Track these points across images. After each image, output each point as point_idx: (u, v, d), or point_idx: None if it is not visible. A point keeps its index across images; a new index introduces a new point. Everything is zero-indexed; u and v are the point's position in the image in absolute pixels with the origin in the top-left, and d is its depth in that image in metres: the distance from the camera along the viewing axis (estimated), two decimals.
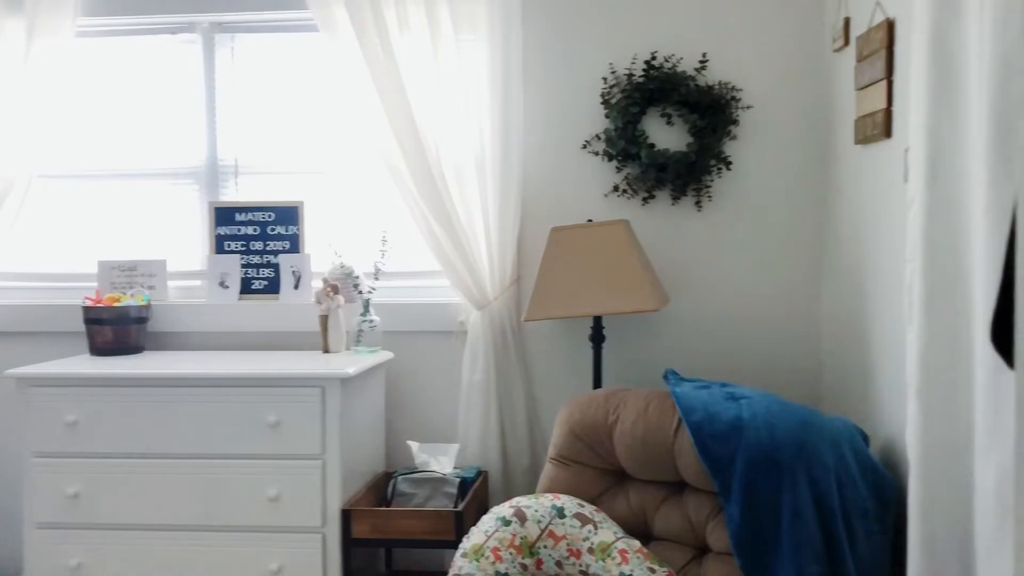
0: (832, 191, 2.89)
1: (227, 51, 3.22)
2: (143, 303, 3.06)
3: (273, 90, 3.23)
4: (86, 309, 2.98)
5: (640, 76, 2.97)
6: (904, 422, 1.85)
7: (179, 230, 3.28)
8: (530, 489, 2.96)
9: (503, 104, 2.94)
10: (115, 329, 2.97)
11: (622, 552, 2.23)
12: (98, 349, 2.98)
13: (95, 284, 3.19)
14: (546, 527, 2.27)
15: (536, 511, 2.30)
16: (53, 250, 3.32)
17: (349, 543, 2.61)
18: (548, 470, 2.57)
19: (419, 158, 2.92)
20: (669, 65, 2.97)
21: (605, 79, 3.00)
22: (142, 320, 3.05)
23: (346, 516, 2.60)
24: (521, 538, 2.25)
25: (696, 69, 2.96)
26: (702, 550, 2.38)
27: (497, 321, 2.99)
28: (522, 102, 2.98)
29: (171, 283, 3.22)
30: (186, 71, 3.24)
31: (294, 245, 3.17)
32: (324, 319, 2.96)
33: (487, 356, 2.98)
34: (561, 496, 2.37)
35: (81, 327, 3.05)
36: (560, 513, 2.30)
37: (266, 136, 3.23)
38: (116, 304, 2.99)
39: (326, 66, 3.12)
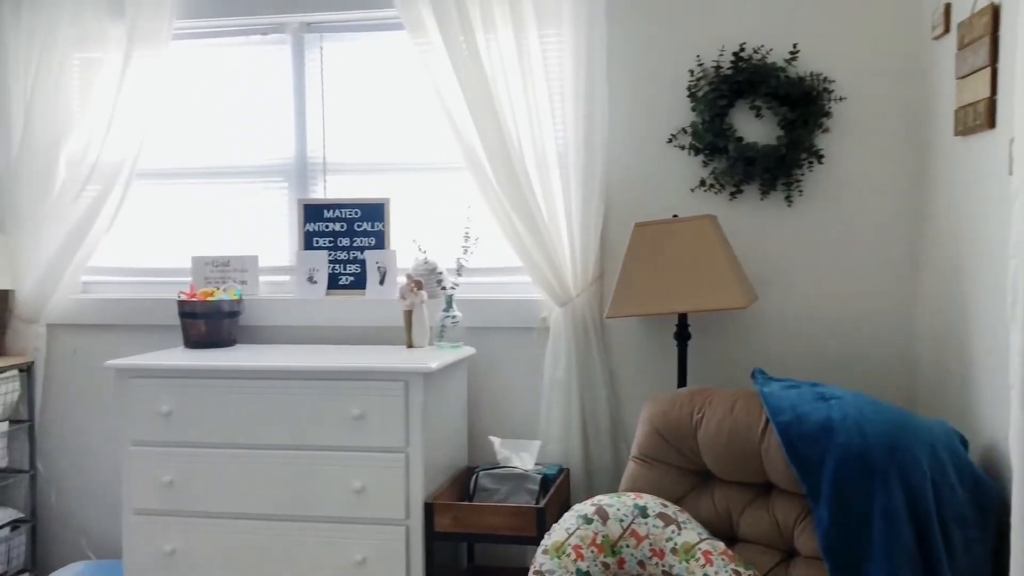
0: (929, 184, 2.77)
1: (316, 51, 3.28)
2: (235, 298, 3.14)
3: (360, 89, 3.27)
4: (181, 303, 3.08)
5: (728, 68, 2.90)
6: (1006, 425, 1.77)
7: (270, 227, 3.36)
8: (612, 488, 2.93)
9: (587, 99, 2.92)
10: (208, 323, 3.06)
11: (706, 553, 2.18)
12: (192, 342, 3.07)
13: (190, 279, 3.29)
14: (628, 526, 2.24)
15: (618, 510, 2.27)
16: (150, 246, 3.44)
17: (432, 536, 2.63)
18: (631, 469, 2.54)
19: (502, 154, 2.92)
20: (758, 56, 2.90)
21: (692, 72, 2.95)
22: (234, 314, 3.13)
23: (429, 509, 2.62)
24: (603, 537, 2.23)
25: (787, 60, 2.89)
26: (790, 553, 2.32)
27: (579, 318, 2.97)
28: (606, 96, 2.95)
29: (262, 278, 3.30)
30: (276, 71, 3.31)
31: (379, 241, 3.21)
32: (408, 314, 2.99)
33: (569, 353, 2.96)
34: (644, 495, 2.33)
35: (176, 321, 3.16)
36: (643, 512, 2.27)
37: (353, 134, 3.29)
38: (209, 299, 3.08)
39: (411, 64, 3.15)
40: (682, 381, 2.83)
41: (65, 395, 3.38)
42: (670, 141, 2.99)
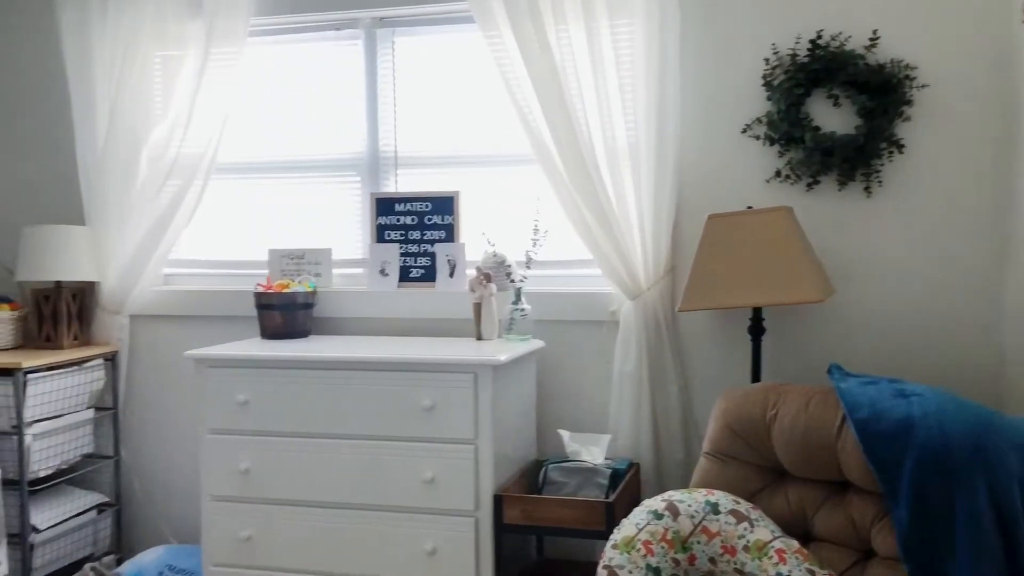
0: (1017, 174, 2.66)
1: (388, 46, 3.32)
2: (310, 290, 3.20)
3: (431, 83, 3.29)
4: (258, 295, 3.15)
5: (805, 56, 2.83)
6: None
7: (343, 220, 3.41)
8: (683, 483, 2.90)
9: (659, 89, 2.88)
10: (284, 314, 3.11)
11: (779, 552, 2.14)
12: (268, 333, 3.13)
13: (266, 271, 3.36)
14: (699, 523, 2.21)
15: (689, 506, 2.24)
16: (229, 239, 3.52)
17: (501, 528, 2.64)
18: (702, 465, 2.51)
19: (572, 146, 2.91)
20: (836, 44, 2.82)
21: (767, 60, 2.89)
22: (309, 306, 3.18)
23: (498, 501, 2.63)
24: (673, 532, 2.20)
25: (866, 47, 2.80)
26: (866, 553, 2.26)
27: (650, 311, 2.94)
28: (679, 86, 2.91)
29: (335, 271, 3.36)
30: (349, 67, 3.35)
31: (449, 234, 3.23)
32: (477, 307, 3.00)
33: (640, 347, 2.94)
34: (715, 492, 2.30)
35: (253, 312, 3.23)
36: (714, 509, 2.23)
37: (424, 128, 3.31)
38: (285, 290, 3.14)
39: (481, 58, 3.16)
40: (756, 376, 2.78)
41: (147, 384, 3.49)
42: (744, 131, 2.94)
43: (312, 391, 2.75)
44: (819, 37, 2.83)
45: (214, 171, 3.34)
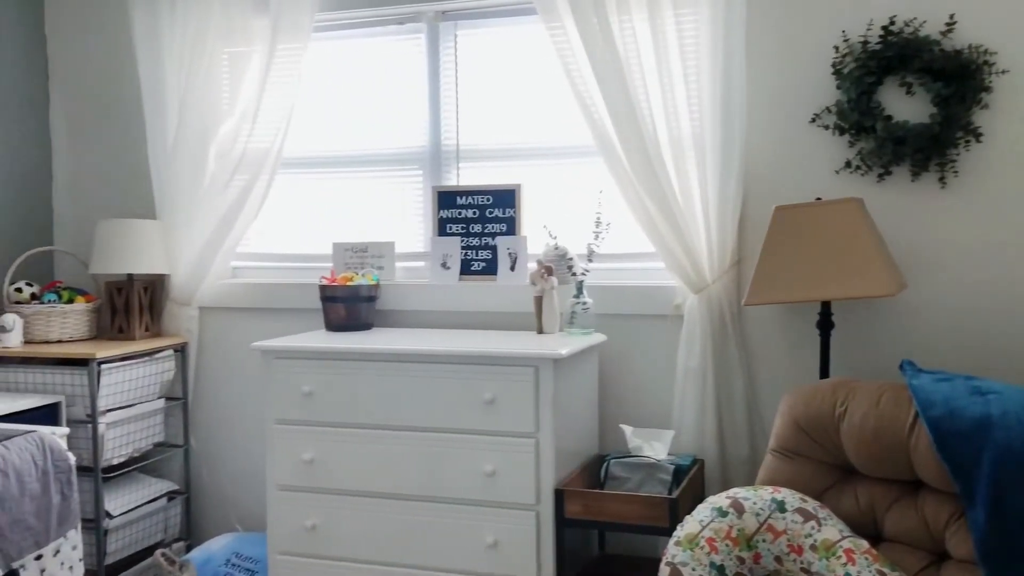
0: None
1: (450, 39, 3.32)
2: (373, 283, 3.22)
3: (492, 76, 3.29)
4: (322, 288, 3.18)
5: (877, 43, 2.75)
6: None
7: (405, 213, 3.42)
8: (749, 481, 2.85)
9: (724, 79, 2.83)
10: (347, 306, 3.15)
11: (848, 552, 2.08)
12: (332, 325, 3.17)
13: (331, 264, 3.40)
14: (765, 520, 2.17)
15: (755, 503, 2.20)
16: (294, 233, 3.57)
17: (562, 522, 2.63)
18: (768, 462, 2.46)
19: (635, 138, 2.87)
20: (910, 30, 2.73)
21: (837, 48, 2.81)
22: (372, 299, 3.21)
23: (559, 496, 2.62)
24: (738, 530, 2.16)
25: (942, 32, 2.71)
26: (940, 556, 2.19)
27: (715, 305, 2.89)
28: (744, 76, 2.85)
29: (398, 264, 3.38)
30: (411, 60, 3.37)
31: (511, 227, 3.22)
32: (539, 300, 2.99)
33: (704, 341, 2.89)
34: (782, 489, 2.25)
35: (318, 304, 3.27)
36: (780, 507, 2.19)
37: (486, 121, 3.30)
38: (349, 283, 3.17)
39: (544, 49, 3.14)
40: (824, 372, 2.71)
41: (216, 374, 3.57)
42: (813, 121, 2.87)
43: (375, 383, 2.77)
44: (892, 23, 2.74)
45: (280, 166, 3.39)
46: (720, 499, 2.24)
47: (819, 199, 2.74)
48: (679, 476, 2.71)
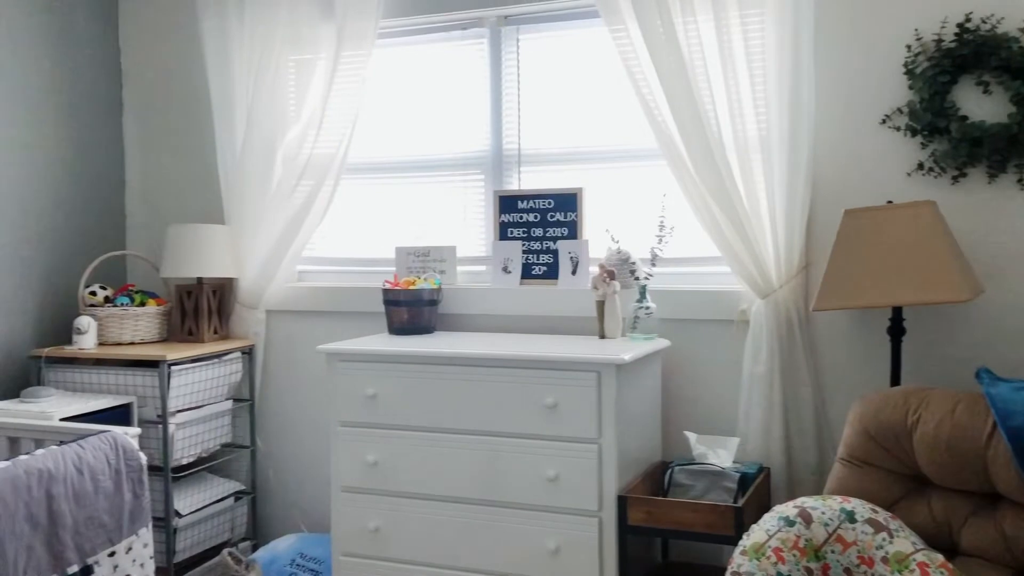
0: None
1: (512, 43, 3.32)
2: (435, 286, 3.24)
3: (555, 79, 3.28)
4: (385, 291, 3.21)
5: (951, 41, 2.67)
6: None
7: (467, 218, 3.44)
8: (816, 490, 2.79)
9: (792, 79, 2.78)
10: (410, 310, 3.17)
11: (922, 565, 2.02)
12: (395, 328, 3.19)
13: (393, 268, 3.43)
14: (834, 531, 2.12)
15: (823, 513, 2.15)
16: (358, 237, 3.61)
17: (625, 529, 2.60)
18: (837, 471, 2.40)
19: (700, 140, 2.84)
20: (987, 27, 2.65)
21: (909, 47, 2.74)
22: (434, 302, 3.23)
23: (622, 502, 2.59)
24: (806, 540, 2.11)
25: (1021, 29, 2.62)
26: (1020, 571, 2.11)
27: (782, 310, 2.84)
28: (813, 76, 2.80)
29: (459, 268, 3.39)
30: (473, 65, 3.38)
31: (572, 231, 3.21)
32: (601, 305, 2.97)
33: (771, 347, 2.84)
34: (851, 499, 2.19)
35: (381, 308, 3.30)
36: (850, 517, 2.13)
37: (548, 125, 3.30)
38: (411, 287, 3.19)
39: (606, 53, 3.13)
40: (895, 379, 2.64)
41: (282, 376, 3.62)
42: (884, 122, 2.80)
43: (437, 386, 2.78)
44: (968, 20, 2.66)
45: (344, 171, 3.43)
46: (787, 508, 2.19)
47: (890, 202, 2.67)
48: (745, 484, 2.66)
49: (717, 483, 2.68)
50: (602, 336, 2.98)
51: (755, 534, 2.16)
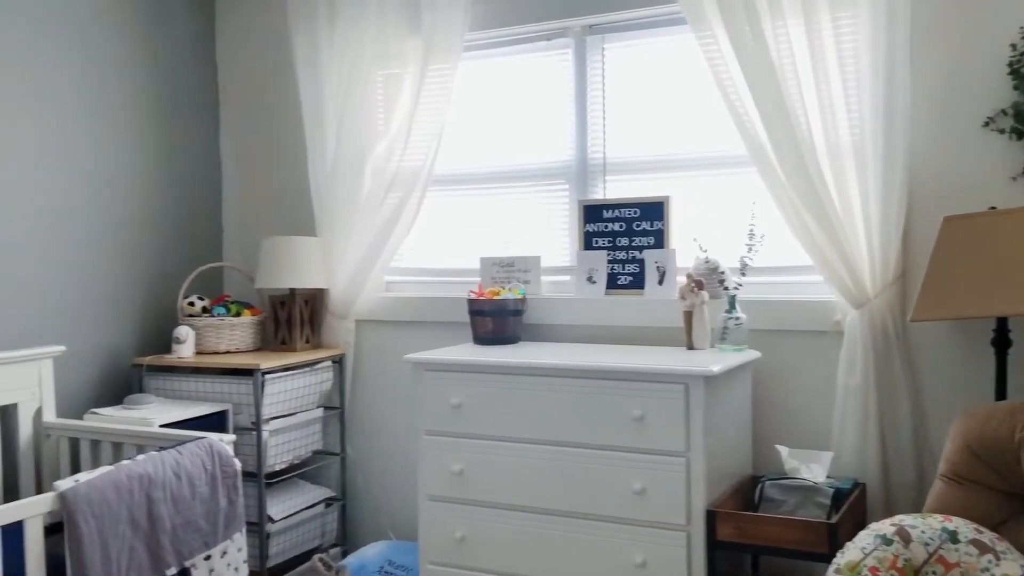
0: None
1: (597, 52, 3.31)
2: (519, 296, 3.25)
3: (640, 88, 3.26)
4: (470, 302, 3.23)
5: None
6: None
7: (552, 228, 3.44)
8: (915, 508, 2.69)
9: (886, 83, 2.69)
10: (495, 320, 3.18)
11: None
12: (480, 338, 3.21)
13: (478, 279, 3.45)
14: (935, 551, 2.03)
15: (923, 532, 2.07)
16: (443, 248, 3.64)
17: (714, 545, 2.55)
18: (938, 488, 2.30)
19: (790, 147, 2.77)
20: None
21: (1014, 46, 2.62)
22: (518, 312, 3.23)
23: (711, 517, 2.55)
24: (904, 560, 2.03)
25: None
26: None
27: (878, 321, 2.75)
28: (909, 79, 2.71)
29: (544, 278, 3.39)
30: (558, 76, 3.38)
31: (659, 241, 3.17)
32: (688, 315, 2.92)
33: (866, 359, 2.75)
34: (953, 519, 2.10)
35: (466, 318, 3.32)
36: (952, 538, 2.04)
37: (633, 134, 3.27)
38: (496, 297, 3.21)
39: (693, 59, 3.09)
40: (1000, 394, 2.52)
41: (371, 385, 3.68)
42: (986, 125, 2.68)
43: (521, 396, 2.78)
44: None
45: (430, 182, 3.47)
46: (884, 526, 2.12)
47: (993, 208, 2.56)
48: (839, 500, 2.58)
49: (810, 498, 2.60)
50: (690, 347, 2.93)
51: (850, 552, 2.09)
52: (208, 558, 2.66)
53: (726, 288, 2.95)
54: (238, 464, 2.79)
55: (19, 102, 3.14)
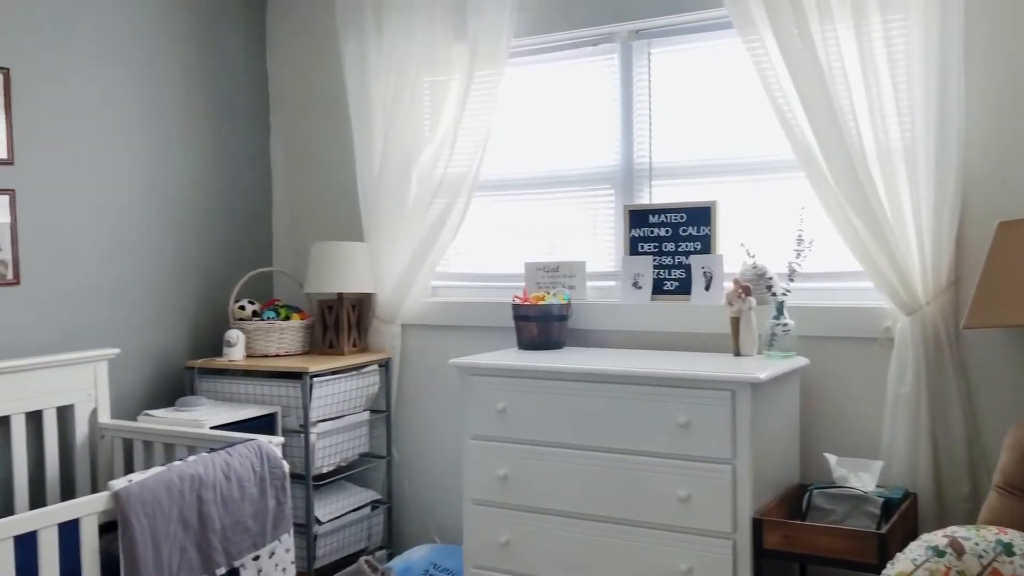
0: None
1: (643, 57, 3.30)
2: (564, 302, 3.24)
3: (687, 92, 3.24)
4: (515, 307, 3.24)
5: None
6: None
7: (597, 233, 3.43)
8: (969, 519, 2.63)
9: (939, 86, 2.64)
10: (539, 325, 3.18)
11: None
12: (525, 343, 3.22)
13: (523, 284, 3.46)
14: (989, 564, 1.98)
15: (976, 544, 2.02)
16: (489, 253, 3.66)
17: (760, 553, 2.52)
18: (992, 500, 2.25)
19: (840, 151, 2.74)
20: None
21: None
22: (563, 318, 3.23)
23: (757, 525, 2.52)
24: (957, 572, 1.99)
25: None
26: None
27: (930, 328, 2.70)
28: (962, 82, 2.65)
29: (589, 283, 3.38)
30: (604, 81, 3.38)
31: (705, 246, 3.15)
32: (735, 321, 2.90)
33: (917, 367, 2.70)
34: (1008, 531, 2.05)
35: (511, 323, 3.33)
36: (1008, 550, 1.99)
37: (679, 139, 3.26)
38: (540, 303, 3.21)
39: (740, 64, 3.06)
40: None
41: (417, 389, 3.71)
42: None
43: (566, 402, 2.78)
44: None
45: (476, 188, 3.49)
46: (936, 537, 2.07)
47: None
48: (889, 510, 2.53)
49: (859, 508, 2.56)
50: (737, 354, 2.91)
51: (900, 563, 2.05)
52: (256, 558, 2.70)
53: (774, 294, 2.92)
54: (286, 466, 2.83)
55: (83, 113, 3.24)
